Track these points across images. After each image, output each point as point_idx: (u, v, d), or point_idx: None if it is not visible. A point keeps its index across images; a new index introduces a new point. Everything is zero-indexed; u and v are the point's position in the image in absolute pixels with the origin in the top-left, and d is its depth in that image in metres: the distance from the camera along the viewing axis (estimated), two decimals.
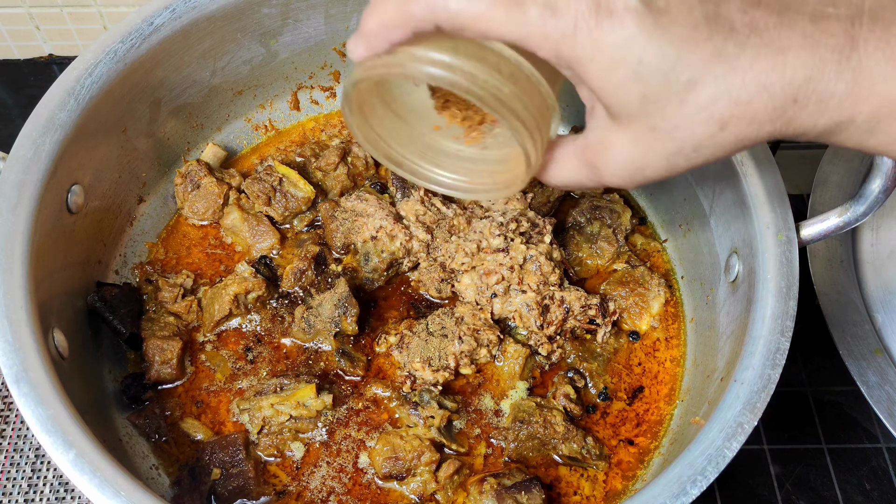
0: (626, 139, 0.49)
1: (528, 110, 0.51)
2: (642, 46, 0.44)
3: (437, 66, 0.48)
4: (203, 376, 0.78)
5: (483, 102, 0.49)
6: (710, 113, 0.45)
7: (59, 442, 0.57)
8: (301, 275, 0.81)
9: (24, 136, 0.69)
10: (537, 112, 0.51)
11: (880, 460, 0.84)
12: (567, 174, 0.55)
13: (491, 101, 0.49)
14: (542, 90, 0.51)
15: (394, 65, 0.49)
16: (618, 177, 0.51)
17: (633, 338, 0.81)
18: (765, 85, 0.44)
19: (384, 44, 0.49)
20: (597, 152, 0.51)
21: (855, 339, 0.79)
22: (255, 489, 0.71)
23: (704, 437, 0.60)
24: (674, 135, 0.47)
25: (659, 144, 0.48)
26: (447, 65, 0.48)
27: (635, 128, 0.48)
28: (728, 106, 0.45)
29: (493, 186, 0.61)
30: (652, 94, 0.45)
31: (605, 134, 0.50)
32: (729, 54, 0.44)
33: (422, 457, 0.71)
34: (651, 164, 0.49)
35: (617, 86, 0.46)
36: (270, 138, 0.95)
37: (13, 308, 0.61)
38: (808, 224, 0.69)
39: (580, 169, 0.53)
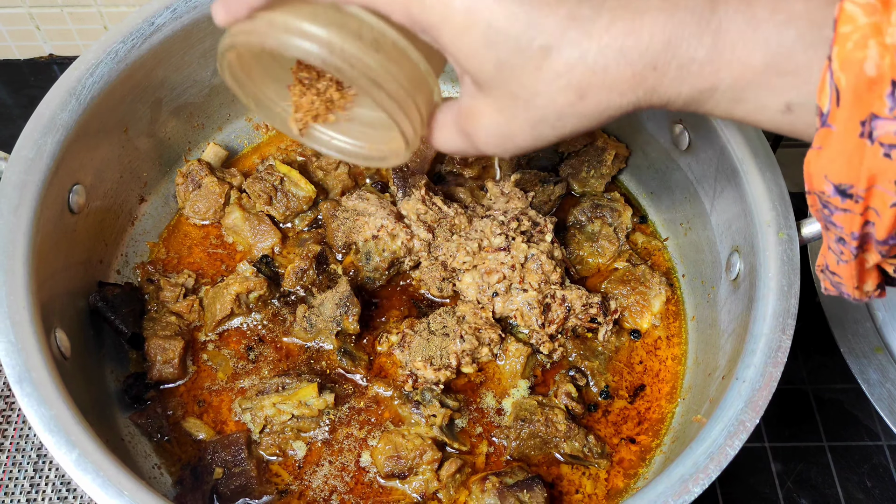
0: (491, 107, 0.47)
1: (396, 79, 0.48)
2: (491, 9, 0.42)
3: (294, 34, 0.46)
4: (205, 376, 0.78)
5: (342, 74, 0.47)
6: (567, 80, 0.44)
7: (63, 442, 0.57)
8: (302, 274, 0.81)
9: (25, 137, 0.69)
10: (407, 80, 0.49)
11: (881, 458, 0.84)
12: (447, 141, 0.53)
13: (350, 71, 0.47)
14: (411, 55, 0.49)
15: (253, 33, 0.47)
16: (490, 145, 0.49)
17: (634, 336, 0.82)
18: (622, 50, 0.43)
19: (242, 7, 0.48)
20: (468, 120, 0.50)
21: (856, 337, 0.79)
22: (258, 488, 0.71)
23: (706, 435, 0.60)
24: (535, 102, 0.45)
25: (521, 113, 0.46)
26: (304, 33, 0.46)
27: (497, 95, 0.46)
28: (585, 73, 0.43)
29: (383, 154, 0.58)
30: (506, 59, 0.44)
31: (472, 101, 0.49)
32: (584, 17, 0.42)
33: (424, 455, 0.71)
34: (517, 133, 0.48)
35: (470, 51, 0.44)
36: (271, 137, 0.95)
37: (16, 308, 0.62)
38: (809, 222, 0.69)
39: (457, 136, 0.52)
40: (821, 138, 0.41)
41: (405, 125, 0.50)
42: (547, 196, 0.87)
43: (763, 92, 0.43)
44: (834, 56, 0.39)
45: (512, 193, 0.85)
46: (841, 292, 0.50)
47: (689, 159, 0.81)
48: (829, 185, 0.42)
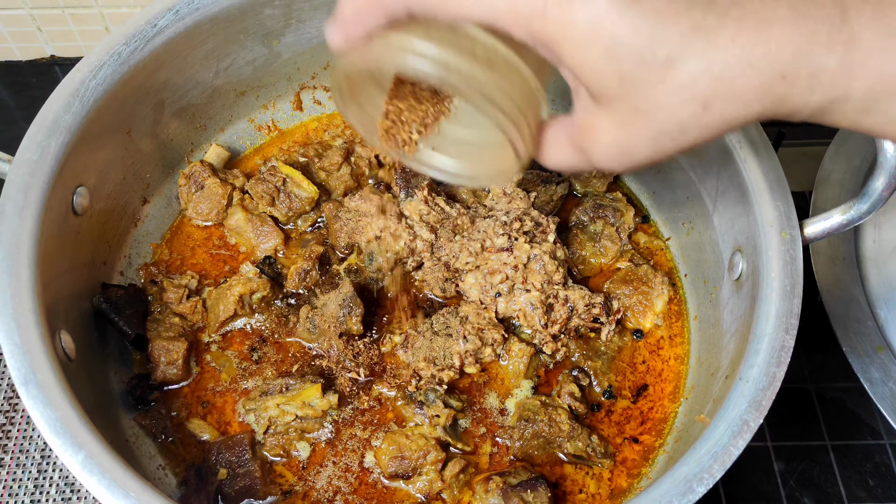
0: (610, 121, 0.47)
1: (507, 96, 0.48)
2: (614, 22, 0.42)
3: (411, 55, 0.47)
4: (209, 377, 0.78)
5: (456, 91, 0.47)
6: (691, 92, 0.43)
7: (68, 444, 0.57)
8: (305, 275, 0.81)
9: (29, 139, 0.69)
10: (519, 96, 0.49)
11: (884, 456, 0.84)
12: (559, 157, 0.52)
13: (466, 89, 0.47)
14: (523, 72, 0.49)
15: (370, 55, 0.49)
16: (607, 160, 0.49)
17: (637, 336, 0.82)
18: (749, 60, 0.42)
19: (359, 30, 0.48)
20: (584, 135, 0.49)
21: (858, 336, 0.79)
22: (262, 489, 0.72)
23: (710, 435, 0.60)
24: (657, 116, 0.44)
25: (643, 126, 0.45)
26: (421, 53, 0.47)
27: (617, 109, 0.46)
28: (710, 84, 0.42)
29: (493, 171, 0.59)
30: (629, 72, 0.43)
31: (589, 116, 0.48)
32: (709, 28, 0.42)
33: (427, 456, 0.71)
34: (638, 147, 0.47)
35: (592, 65, 0.44)
36: (273, 139, 0.95)
37: (21, 310, 0.62)
38: (812, 222, 0.69)
39: (571, 152, 0.51)
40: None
41: (518, 142, 0.51)
42: (549, 196, 0.87)
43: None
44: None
45: (514, 194, 0.85)
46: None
47: (691, 159, 0.81)
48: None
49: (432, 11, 0.45)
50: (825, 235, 0.69)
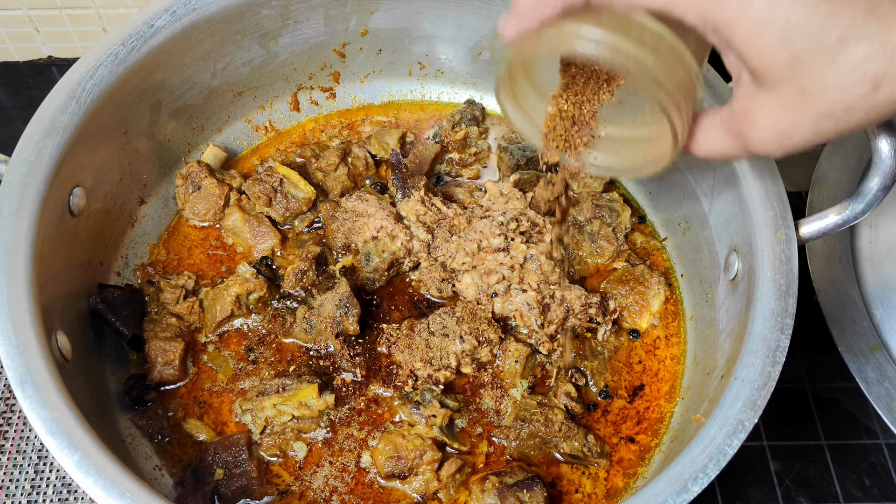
0: (773, 104, 0.48)
1: (672, 81, 0.51)
2: (790, 5, 0.43)
3: (582, 40, 0.50)
4: (205, 377, 0.78)
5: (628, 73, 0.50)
6: (862, 72, 0.43)
7: (64, 444, 0.57)
8: (302, 275, 0.81)
9: (26, 139, 0.69)
10: (681, 83, 0.52)
11: (880, 456, 0.85)
12: (713, 145, 0.54)
13: (635, 70, 0.50)
14: (686, 60, 0.51)
15: (542, 42, 0.51)
16: (765, 143, 0.50)
17: (633, 336, 0.82)
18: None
19: (534, 21, 0.50)
20: (743, 120, 0.50)
21: (854, 336, 0.79)
22: (258, 489, 0.72)
23: (705, 434, 0.60)
24: (824, 96, 0.45)
25: (808, 107, 0.46)
26: (591, 39, 0.49)
27: (783, 90, 0.46)
28: (882, 64, 0.43)
29: (642, 163, 0.62)
30: (800, 54, 0.44)
31: (751, 101, 0.49)
32: (883, 12, 0.42)
33: (424, 456, 0.71)
34: (799, 129, 0.48)
35: (764, 47, 0.45)
36: (270, 139, 0.95)
37: (17, 311, 0.62)
38: (807, 222, 0.70)
39: (726, 139, 0.52)
40: None
41: (679, 125, 0.53)
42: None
43: None
44: None
45: (511, 194, 0.85)
46: None
47: (687, 159, 0.81)
48: None
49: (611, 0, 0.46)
50: (821, 235, 0.69)
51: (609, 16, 0.50)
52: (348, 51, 0.93)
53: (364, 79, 0.97)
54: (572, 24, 0.50)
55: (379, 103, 0.98)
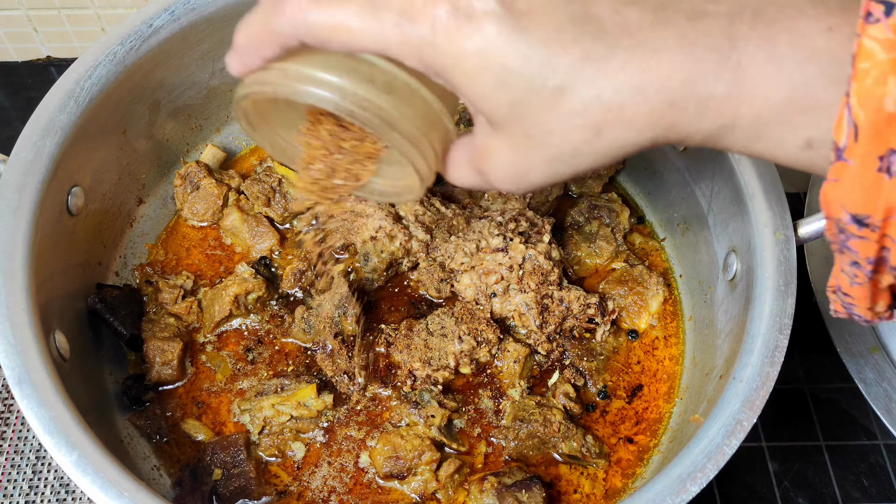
0: (505, 145, 0.47)
1: (407, 119, 0.49)
2: (503, 51, 0.42)
3: (306, 82, 0.47)
4: (204, 377, 0.78)
5: (355, 118, 0.47)
6: (583, 119, 0.43)
7: (62, 443, 0.57)
8: (301, 275, 0.81)
9: (24, 139, 0.69)
10: (421, 120, 0.49)
11: (878, 457, 0.85)
12: (462, 177, 0.53)
13: (363, 115, 0.47)
14: (424, 95, 0.49)
15: (266, 83, 0.48)
16: (504, 182, 0.49)
17: (631, 336, 0.82)
18: (638, 88, 0.42)
19: (256, 60, 0.48)
20: (482, 158, 0.50)
21: (852, 337, 0.79)
22: (257, 489, 0.72)
23: (704, 434, 0.60)
24: (549, 140, 0.45)
25: (536, 151, 0.46)
26: (317, 80, 0.47)
27: (511, 133, 0.46)
28: (601, 111, 0.42)
29: (401, 189, 0.58)
30: (520, 99, 0.43)
31: (486, 140, 0.48)
32: (598, 56, 0.42)
33: (422, 456, 0.71)
34: (532, 170, 0.47)
35: (484, 92, 0.44)
36: None
37: (15, 310, 0.62)
38: (806, 222, 0.70)
39: (471, 173, 0.52)
40: (836, 171, 0.40)
41: (419, 163, 0.51)
42: (544, 197, 0.88)
43: (783, 128, 0.42)
44: (852, 92, 0.38)
45: (509, 194, 0.85)
46: (851, 314, 0.50)
47: (686, 160, 0.82)
48: (846, 214, 0.42)
49: (324, 43, 0.45)
50: (819, 235, 0.70)
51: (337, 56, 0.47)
52: None
53: None
54: (297, 66, 0.47)
55: None
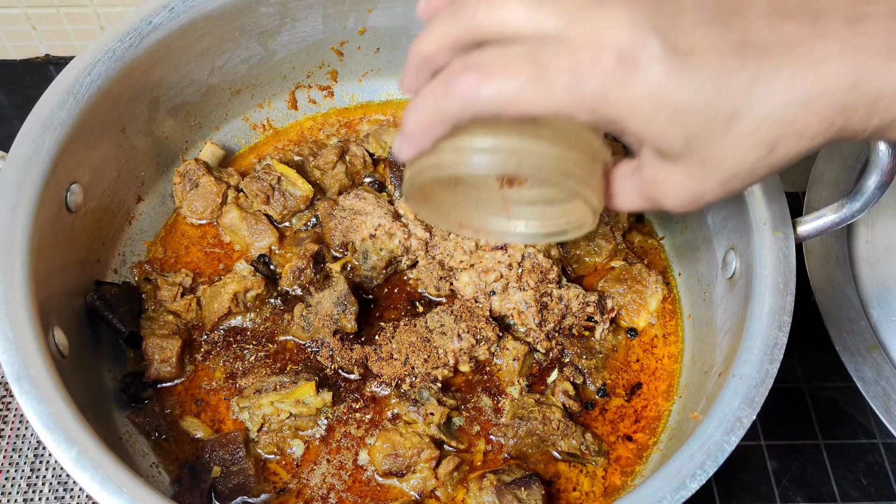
0: (679, 175, 0.49)
1: (577, 166, 0.51)
2: (675, 91, 0.43)
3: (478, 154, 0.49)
4: (202, 375, 0.78)
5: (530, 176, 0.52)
6: (757, 139, 0.45)
7: (61, 439, 0.57)
8: (300, 273, 0.81)
9: (23, 135, 0.69)
10: (587, 160, 0.52)
11: (877, 455, 0.85)
12: (631, 204, 0.55)
13: (537, 172, 0.50)
14: (586, 137, 0.52)
15: (440, 165, 0.50)
16: (680, 206, 0.51)
17: (630, 335, 0.82)
18: (808, 99, 0.43)
19: (427, 143, 0.49)
20: (654, 189, 0.51)
21: (851, 335, 0.79)
22: (256, 487, 0.72)
23: (703, 431, 0.60)
24: (725, 164, 0.47)
25: (712, 174, 0.48)
26: (489, 150, 0.49)
27: (685, 163, 0.48)
28: (774, 128, 0.44)
29: (566, 227, 0.61)
30: (695, 133, 0.45)
31: (658, 172, 0.50)
32: (766, 77, 0.43)
33: (421, 454, 0.71)
34: (708, 191, 0.49)
35: (660, 133, 0.46)
36: (268, 137, 0.95)
37: (14, 306, 0.62)
38: (805, 221, 0.70)
39: (642, 201, 0.54)
40: None
41: (592, 199, 0.53)
42: None
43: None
44: None
45: None
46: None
47: None
48: None
49: (498, 115, 0.46)
50: (818, 233, 0.70)
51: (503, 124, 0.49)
52: (346, 49, 0.93)
53: (362, 77, 0.97)
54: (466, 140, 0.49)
55: (377, 102, 0.98)
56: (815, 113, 0.44)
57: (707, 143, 0.46)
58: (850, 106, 0.44)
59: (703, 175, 0.48)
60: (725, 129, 0.45)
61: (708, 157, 0.46)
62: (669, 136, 0.46)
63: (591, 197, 0.53)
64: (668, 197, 0.51)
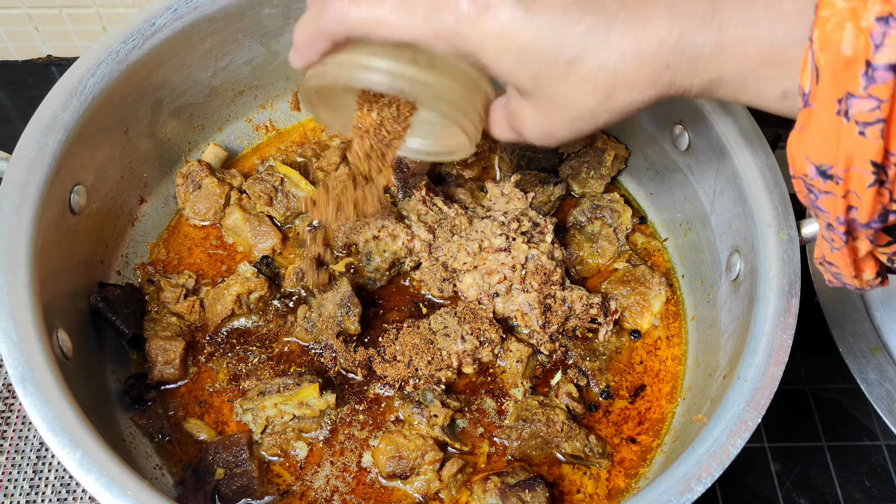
0: (532, 109, 0.55)
1: (451, 91, 0.57)
2: (519, 33, 0.49)
3: (361, 70, 0.55)
4: (206, 376, 0.78)
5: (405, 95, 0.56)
6: (593, 84, 0.50)
7: (66, 441, 0.57)
8: (303, 275, 0.81)
9: (27, 137, 0.69)
10: (463, 88, 0.57)
11: (880, 457, 0.85)
12: (502, 133, 0.61)
13: (413, 91, 0.55)
14: (462, 67, 0.56)
15: (326, 74, 0.57)
16: (535, 139, 0.57)
17: (634, 336, 0.82)
18: (637, 55, 0.49)
19: (313, 55, 0.57)
20: (515, 119, 0.57)
21: (854, 337, 0.79)
22: (259, 489, 0.71)
23: (708, 434, 0.60)
24: (567, 105, 0.52)
25: (558, 113, 0.53)
26: (369, 67, 0.55)
27: (535, 100, 0.54)
28: (608, 77, 0.50)
29: (454, 147, 0.66)
30: (538, 73, 0.51)
31: (517, 105, 0.56)
32: (601, 30, 0.49)
33: (425, 456, 0.71)
34: (558, 129, 0.55)
35: (507, 69, 0.52)
36: (271, 138, 0.95)
37: (18, 308, 0.61)
38: (809, 222, 0.70)
39: (509, 131, 0.60)
40: (803, 118, 0.46)
41: (467, 126, 0.59)
42: (547, 197, 0.88)
43: (763, 81, 0.48)
44: (815, 37, 0.43)
45: (512, 194, 0.85)
46: (842, 282, 0.54)
47: (688, 160, 0.82)
48: (811, 167, 0.47)
49: (366, 36, 0.53)
50: None
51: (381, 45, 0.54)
52: None
53: None
54: (350, 55, 0.55)
55: None
56: (644, 67, 0.49)
57: (550, 84, 0.51)
58: (673, 63, 0.49)
59: (551, 112, 0.54)
60: (565, 73, 0.50)
61: (553, 96, 0.52)
62: (517, 74, 0.52)
63: (463, 122, 0.58)
64: (525, 129, 0.57)
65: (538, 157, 0.91)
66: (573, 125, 0.54)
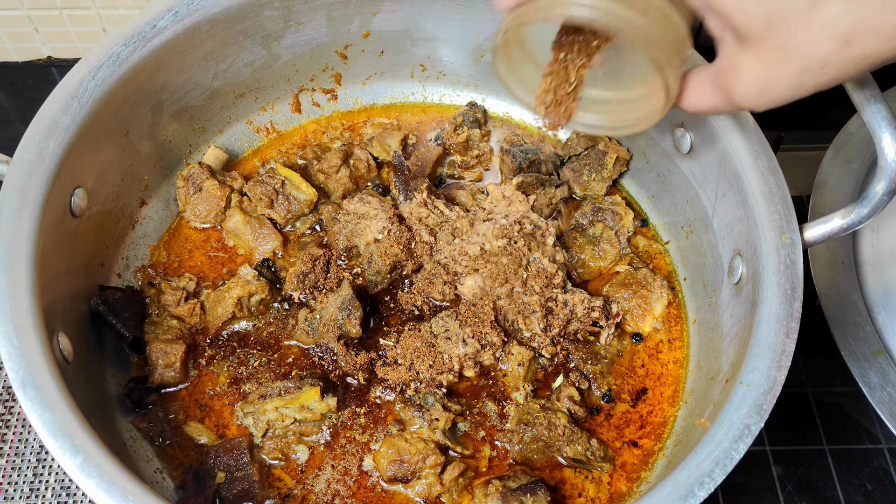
0: (754, 60, 0.51)
1: (663, 38, 0.55)
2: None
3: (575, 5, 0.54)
4: (206, 380, 0.78)
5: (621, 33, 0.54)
6: (835, 29, 0.47)
7: (67, 446, 0.57)
8: (304, 277, 0.81)
9: (27, 140, 0.69)
10: (671, 40, 0.55)
11: (882, 461, 0.85)
12: (701, 99, 0.58)
13: (628, 30, 0.53)
14: (675, 19, 0.55)
15: (539, 9, 0.55)
16: (749, 97, 0.53)
17: (636, 340, 0.82)
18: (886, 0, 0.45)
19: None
20: (728, 75, 0.54)
21: (856, 340, 0.79)
22: (260, 492, 0.71)
23: (711, 439, 0.60)
24: (800, 52, 0.48)
25: (786, 63, 0.50)
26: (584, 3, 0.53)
27: (762, 47, 0.50)
28: (853, 21, 0.46)
29: (633, 120, 0.65)
30: (777, 13, 0.48)
31: (734, 58, 0.53)
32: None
33: (427, 459, 0.71)
34: (779, 83, 0.51)
35: (743, 8, 0.49)
36: (272, 141, 0.95)
37: (18, 312, 0.61)
38: (812, 226, 0.70)
39: (713, 93, 0.56)
40: None
41: (671, 79, 0.57)
42: (548, 199, 0.87)
43: None
44: None
45: (513, 197, 0.85)
46: None
47: (690, 163, 0.82)
48: None
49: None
50: (825, 239, 0.69)
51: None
52: (350, 52, 0.93)
53: (366, 80, 0.96)
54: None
55: (381, 105, 0.98)
56: (892, 13, 0.45)
57: (787, 27, 0.48)
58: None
59: (777, 62, 0.50)
60: (806, 14, 0.47)
61: (785, 41, 0.49)
62: (752, 13, 0.49)
63: (670, 76, 0.56)
64: (739, 85, 0.53)
65: (539, 159, 0.91)
66: (798, 79, 0.50)
